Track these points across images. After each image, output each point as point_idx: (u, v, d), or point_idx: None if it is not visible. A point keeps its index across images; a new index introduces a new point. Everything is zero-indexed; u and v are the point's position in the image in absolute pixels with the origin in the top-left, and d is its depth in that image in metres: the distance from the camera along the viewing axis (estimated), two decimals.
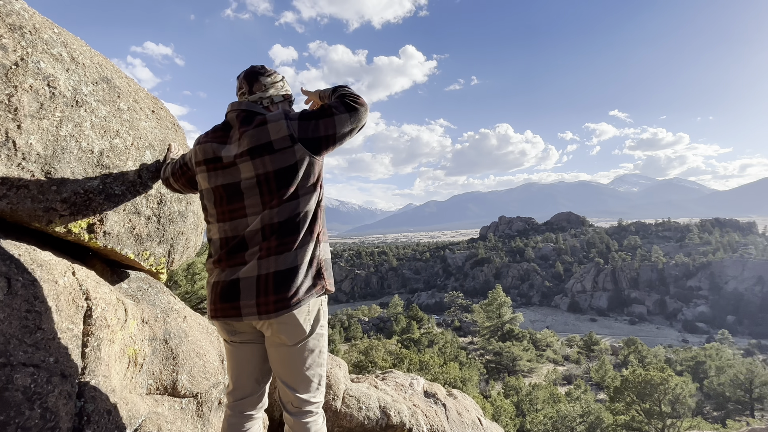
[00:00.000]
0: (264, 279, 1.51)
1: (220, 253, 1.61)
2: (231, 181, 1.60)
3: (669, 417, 16.58)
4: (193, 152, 1.74)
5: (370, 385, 4.28)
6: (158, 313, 2.32)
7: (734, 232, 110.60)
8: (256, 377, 1.74)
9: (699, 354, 35.39)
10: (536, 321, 79.06)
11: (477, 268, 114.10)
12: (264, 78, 1.75)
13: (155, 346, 2.22)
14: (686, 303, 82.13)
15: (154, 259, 2.16)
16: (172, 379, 2.29)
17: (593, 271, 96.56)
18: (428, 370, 14.87)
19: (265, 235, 1.53)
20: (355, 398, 3.71)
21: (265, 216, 1.54)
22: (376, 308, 72.58)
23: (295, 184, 1.55)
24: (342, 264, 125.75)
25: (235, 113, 1.65)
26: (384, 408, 3.78)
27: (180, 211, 2.28)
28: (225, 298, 1.55)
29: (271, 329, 1.57)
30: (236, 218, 1.59)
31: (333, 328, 47.37)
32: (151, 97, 2.31)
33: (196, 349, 2.51)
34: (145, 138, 2.05)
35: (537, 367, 38.30)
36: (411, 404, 4.37)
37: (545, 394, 22.58)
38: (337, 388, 3.71)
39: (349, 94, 1.69)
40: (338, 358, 4.33)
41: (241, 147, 1.57)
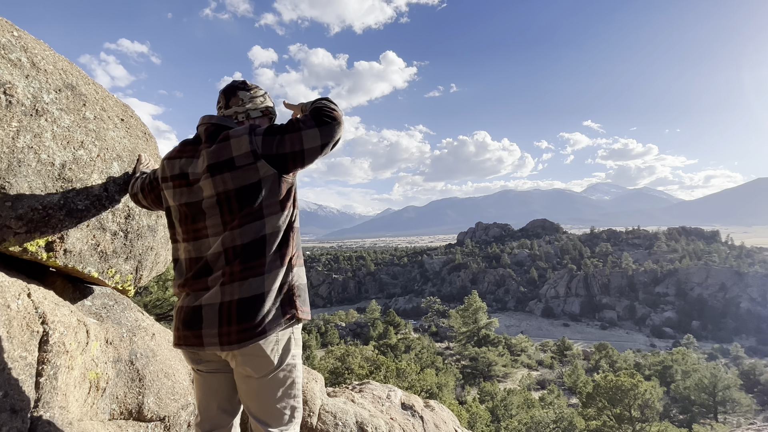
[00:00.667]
0: (227, 306, 1.39)
1: (185, 276, 1.51)
2: (194, 199, 1.49)
3: (638, 421, 17.01)
4: (161, 168, 1.63)
5: (347, 399, 4.19)
6: (124, 333, 2.20)
7: (699, 241, 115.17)
8: (226, 409, 1.63)
9: (666, 358, 36.56)
10: (511, 326, 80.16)
11: (454, 274, 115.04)
12: (242, 92, 1.64)
13: (120, 368, 2.09)
14: (654, 308, 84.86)
15: (120, 276, 2.04)
16: (137, 403, 2.16)
17: (566, 277, 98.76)
18: (405, 377, 14.81)
19: (228, 259, 1.41)
20: (331, 414, 3.62)
21: (227, 237, 1.42)
22: (353, 313, 72.15)
23: (259, 203, 1.42)
24: (319, 268, 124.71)
25: (204, 127, 1.54)
26: (361, 424, 3.70)
27: (150, 225, 2.16)
28: (188, 326, 1.44)
29: (236, 361, 1.45)
30: (199, 239, 1.49)
31: (309, 334, 46.80)
32: (121, 105, 2.19)
33: (165, 369, 2.38)
34: (112, 149, 1.93)
35: (512, 372, 38.75)
36: (388, 418, 4.31)
37: (520, 399, 22.83)
38: (313, 403, 3.61)
39: (325, 107, 1.53)
40: (315, 372, 4.22)
41: (204, 163, 1.46)
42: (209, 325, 1.39)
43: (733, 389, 27.10)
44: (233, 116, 1.61)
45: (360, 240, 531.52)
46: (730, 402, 26.66)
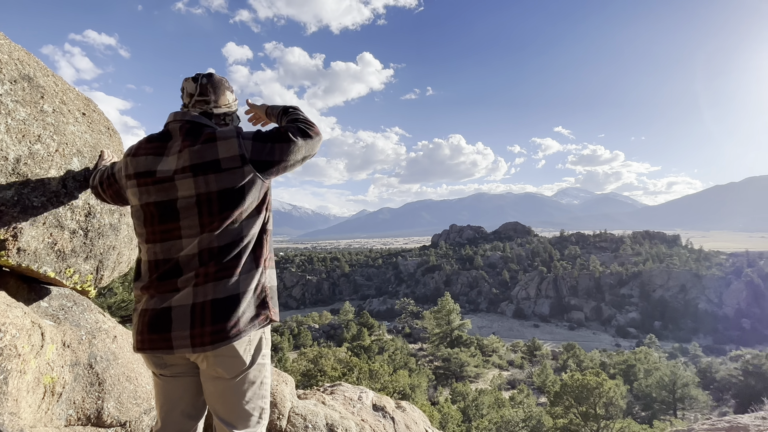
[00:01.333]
0: (200, 308, 1.36)
1: (149, 277, 1.44)
2: (165, 198, 1.43)
3: (603, 419, 17.57)
4: (123, 164, 1.55)
5: (317, 401, 4.16)
6: (83, 335, 2.11)
7: (661, 244, 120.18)
8: (189, 413, 1.58)
9: (630, 358, 37.89)
10: (483, 327, 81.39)
11: (428, 275, 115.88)
12: (229, 92, 1.65)
13: (78, 372, 2.01)
14: (619, 309, 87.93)
15: (79, 276, 1.96)
16: (96, 408, 2.08)
17: (537, 279, 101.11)
18: (378, 379, 14.80)
19: (203, 260, 1.39)
20: (301, 416, 3.58)
21: (204, 239, 1.40)
22: (327, 315, 71.64)
23: (241, 207, 1.43)
24: (293, 269, 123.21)
25: (179, 124, 1.49)
26: (332, 426, 3.67)
27: (112, 223, 2.09)
28: (154, 329, 1.39)
29: (207, 362, 1.42)
30: (169, 240, 1.42)
31: (282, 336, 46.17)
32: (83, 98, 2.11)
33: (127, 372, 2.31)
34: (72, 144, 1.85)
35: (483, 373, 39.32)
36: (359, 419, 4.30)
37: (490, 399, 23.19)
38: (283, 406, 3.56)
39: (304, 120, 1.60)
40: (285, 374, 4.17)
41: (182, 162, 1.42)
42: (180, 327, 1.36)
43: (691, 386, 28.36)
44: (222, 117, 1.61)
45: (335, 241, 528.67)
46: (688, 398, 27.87)
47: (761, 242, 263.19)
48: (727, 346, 64.82)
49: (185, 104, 1.60)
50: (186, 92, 1.59)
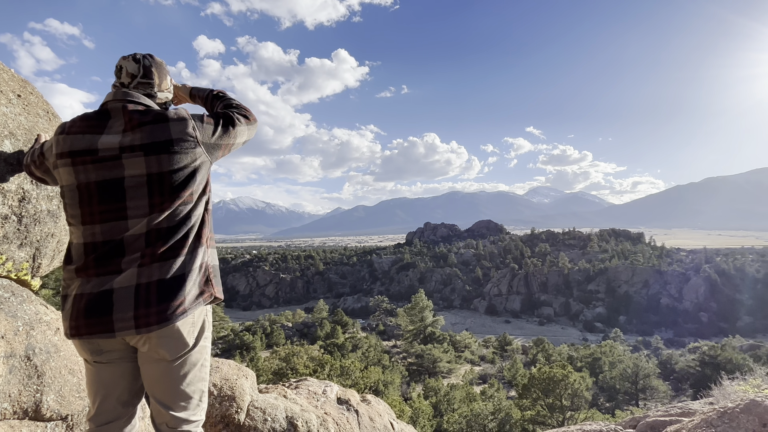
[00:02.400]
0: (145, 288, 1.35)
1: (85, 259, 1.39)
2: (109, 177, 1.39)
3: (569, 410, 18.15)
4: (54, 142, 1.49)
5: (278, 394, 4.13)
6: (20, 326, 2.03)
7: (626, 242, 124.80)
8: (125, 399, 1.55)
9: (596, 351, 39.22)
10: (456, 323, 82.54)
11: (403, 273, 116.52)
12: (169, 77, 1.68)
13: (13, 364, 1.93)
14: (587, 305, 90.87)
15: (12, 264, 1.88)
16: (34, 401, 2.01)
17: (509, 275, 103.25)
18: (349, 375, 14.80)
19: (150, 241, 1.38)
20: (260, 410, 3.55)
21: (153, 219, 1.39)
22: (300, 313, 71.03)
23: (191, 188, 1.45)
24: (266, 268, 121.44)
25: (121, 103, 1.47)
26: (291, 419, 3.66)
27: (50, 210, 2.01)
28: (92, 313, 1.35)
29: (149, 344, 1.41)
30: (111, 220, 1.39)
31: (254, 335, 45.50)
32: (19, 80, 2.02)
33: (70, 365, 2.23)
34: (4, 125, 1.77)
35: (456, 368, 39.89)
36: (322, 412, 4.30)
37: (462, 393, 23.56)
38: (242, 400, 3.52)
39: (242, 106, 1.69)
40: (246, 368, 4.12)
41: (129, 140, 1.39)
42: (123, 308, 1.34)
43: (652, 377, 29.67)
44: (164, 103, 1.64)
45: (309, 239, 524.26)
46: (649, 389, 29.16)
47: (718, 240, 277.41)
48: (687, 338, 68.01)
49: (124, 84, 1.56)
50: (126, 72, 1.55)
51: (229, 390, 3.54)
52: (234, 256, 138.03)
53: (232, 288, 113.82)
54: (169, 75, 1.67)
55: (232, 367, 3.96)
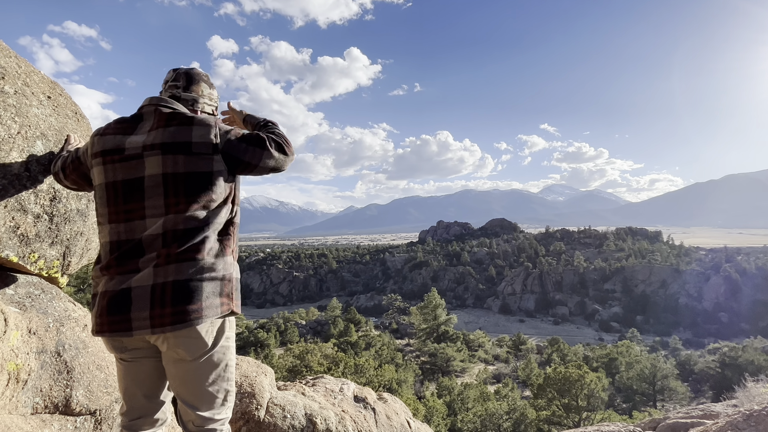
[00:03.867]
0: (161, 288, 1.35)
1: (109, 258, 1.43)
2: (132, 176, 1.43)
3: (585, 410, 17.92)
4: (90, 143, 1.55)
5: (297, 392, 4.16)
6: (50, 323, 2.08)
7: (644, 240, 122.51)
8: (153, 395, 1.58)
9: (612, 351, 38.63)
10: (470, 322, 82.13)
11: (415, 271, 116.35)
12: (206, 86, 1.71)
13: (44, 360, 1.98)
14: (602, 304, 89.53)
15: (44, 262, 1.92)
16: (64, 396, 2.06)
17: (523, 274, 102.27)
18: (363, 373, 14.84)
19: (166, 242, 1.39)
20: (279, 407, 3.58)
21: (169, 220, 1.40)
22: (314, 311, 71.48)
23: (208, 194, 1.44)
24: (280, 266, 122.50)
25: (153, 107, 1.52)
26: (310, 416, 3.68)
27: (79, 209, 2.05)
28: (113, 311, 1.37)
29: (167, 344, 1.42)
30: (133, 219, 1.42)
31: (268, 332, 45.94)
32: (48, 81, 2.07)
33: (97, 361, 2.28)
34: (36, 126, 1.82)
35: (469, 367, 39.71)
36: (339, 410, 4.32)
37: (476, 393, 23.43)
38: (261, 396, 3.56)
39: (282, 135, 1.66)
40: (265, 365, 4.17)
41: (153, 139, 1.43)
42: (140, 307, 1.34)
43: (670, 378, 29.09)
44: (189, 102, 1.64)
45: (322, 237, 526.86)
46: (667, 390, 28.60)
47: (739, 238, 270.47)
48: (706, 339, 66.52)
49: (162, 91, 1.67)
50: (165, 80, 1.67)
51: (249, 387, 3.58)
52: (248, 254, 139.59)
53: (247, 286, 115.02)
54: (204, 83, 1.72)
55: (251, 365, 4.00)
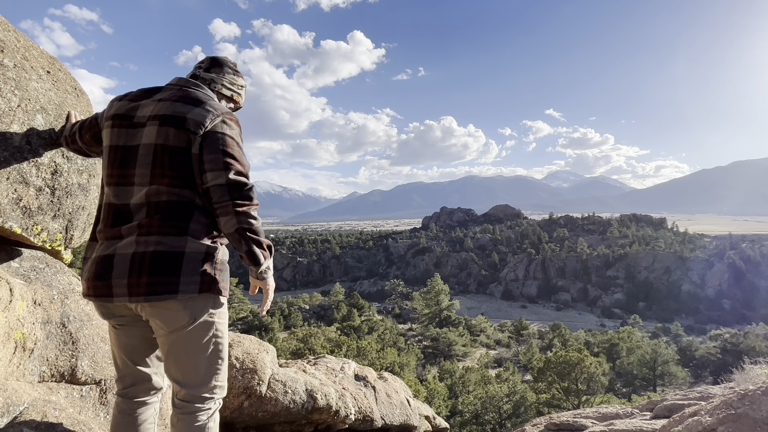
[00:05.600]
0: (140, 257, 1.35)
1: (104, 222, 1.46)
2: (131, 143, 1.45)
3: (584, 394, 18.15)
4: (109, 106, 1.59)
5: (298, 369, 4.25)
6: (55, 295, 2.13)
7: (648, 227, 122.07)
8: (142, 363, 1.58)
9: (613, 337, 38.88)
10: (472, 308, 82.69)
11: (418, 257, 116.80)
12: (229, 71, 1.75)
13: (50, 330, 2.04)
14: (605, 291, 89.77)
15: (47, 234, 1.96)
16: (70, 365, 2.12)
17: (525, 261, 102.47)
18: (365, 355, 15.05)
19: (150, 212, 1.40)
20: (281, 382, 3.66)
21: (152, 191, 1.40)
22: (317, 296, 72.12)
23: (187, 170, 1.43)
24: (284, 251, 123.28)
25: (177, 84, 1.59)
26: (311, 391, 3.76)
27: (80, 183, 2.08)
28: (99, 276, 1.39)
29: (145, 312, 1.42)
30: (123, 185, 1.44)
31: (272, 317, 46.48)
32: (48, 56, 2.08)
33: (102, 333, 2.33)
34: (35, 100, 1.83)
35: (471, 352, 40.15)
36: (340, 387, 4.40)
37: (477, 376, 23.74)
38: (263, 372, 3.64)
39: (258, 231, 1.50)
40: (266, 343, 4.24)
41: (158, 110, 1.45)
42: (119, 274, 1.35)
43: (670, 364, 29.33)
44: (207, 81, 1.67)
45: (325, 223, 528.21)
46: (668, 375, 28.86)
47: (745, 225, 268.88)
48: (708, 325, 66.79)
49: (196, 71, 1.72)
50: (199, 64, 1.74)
51: (251, 363, 3.65)
52: None
53: None
54: (228, 68, 1.75)
55: (253, 342, 4.07)
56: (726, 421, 3.88)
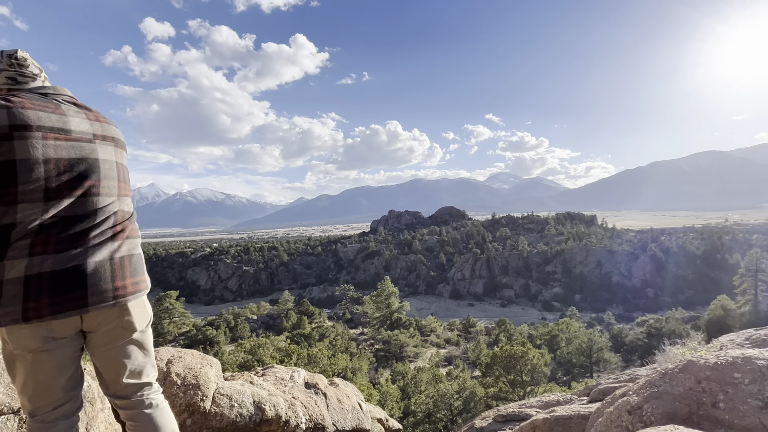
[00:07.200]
0: (119, 261, 1.48)
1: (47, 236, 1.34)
2: (86, 156, 1.48)
3: (529, 385, 19.02)
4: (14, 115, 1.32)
5: (245, 381, 4.11)
6: None
7: (581, 224, 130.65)
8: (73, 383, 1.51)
9: (554, 329, 41.10)
10: (422, 309, 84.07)
11: (368, 261, 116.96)
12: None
13: None
14: (545, 285, 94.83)
15: None
16: None
17: (471, 260, 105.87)
18: (316, 363, 14.80)
19: (117, 220, 1.53)
20: (226, 396, 3.52)
21: (119, 202, 1.56)
22: (265, 305, 69.96)
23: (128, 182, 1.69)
24: (228, 261, 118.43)
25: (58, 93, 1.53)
26: (259, 403, 3.66)
27: None
28: (61, 290, 1.32)
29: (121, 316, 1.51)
30: (85, 196, 1.44)
31: (218, 329, 44.49)
32: None
33: None
34: None
35: (422, 352, 40.74)
36: (290, 396, 4.31)
37: (428, 376, 24.12)
38: (207, 387, 3.48)
39: None
40: (210, 357, 4.07)
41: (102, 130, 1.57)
42: (100, 281, 1.41)
43: (604, 351, 31.49)
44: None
45: (272, 230, 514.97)
46: (602, 361, 30.96)
47: (663, 220, 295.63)
48: (635, 313, 72.44)
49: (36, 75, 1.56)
50: (33, 65, 1.58)
51: (194, 379, 3.49)
52: (193, 250, 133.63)
53: (193, 283, 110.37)
54: None
55: (195, 357, 3.89)
56: (650, 399, 4.24)
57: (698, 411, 3.86)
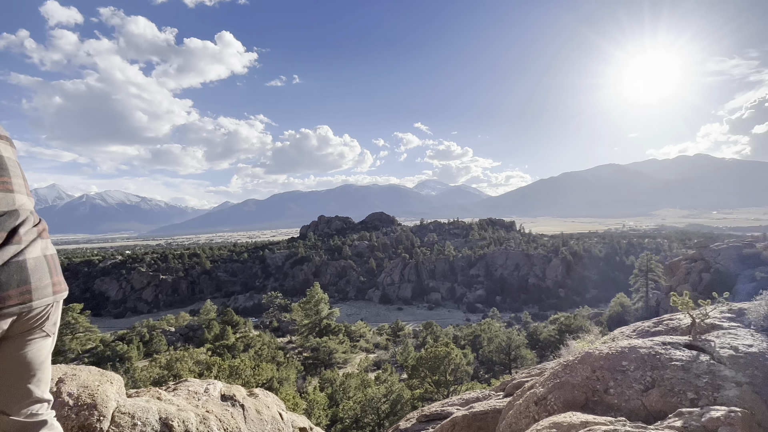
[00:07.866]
0: (51, 258, 1.49)
1: None
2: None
3: (452, 384, 19.76)
4: None
5: (151, 397, 3.81)
6: None
7: (501, 230, 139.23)
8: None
9: (476, 329, 43.14)
10: (352, 314, 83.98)
11: (297, 267, 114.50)
12: None
13: None
14: (469, 288, 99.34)
15: None
16: None
17: (400, 265, 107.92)
18: (239, 375, 14.13)
19: (35, 219, 1.51)
20: (128, 415, 3.24)
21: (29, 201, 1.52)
22: (185, 316, 65.45)
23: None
24: (143, 269, 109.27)
25: None
26: (166, 420, 3.41)
27: None
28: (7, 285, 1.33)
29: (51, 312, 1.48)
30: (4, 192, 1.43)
31: (129, 344, 40.79)
32: None
33: None
34: None
35: (351, 358, 40.60)
36: (203, 411, 4.07)
37: (357, 381, 24.08)
38: (105, 406, 3.18)
39: None
40: (111, 373, 3.72)
41: None
42: (43, 276, 1.43)
43: (522, 348, 33.70)
44: None
45: (193, 236, 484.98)
46: (520, 358, 33.08)
47: (572, 226, 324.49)
48: (549, 312, 78.42)
49: None
50: None
51: (89, 398, 3.17)
52: (102, 258, 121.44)
53: (101, 294, 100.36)
54: None
55: (93, 374, 3.53)
56: (554, 389, 4.61)
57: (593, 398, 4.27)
